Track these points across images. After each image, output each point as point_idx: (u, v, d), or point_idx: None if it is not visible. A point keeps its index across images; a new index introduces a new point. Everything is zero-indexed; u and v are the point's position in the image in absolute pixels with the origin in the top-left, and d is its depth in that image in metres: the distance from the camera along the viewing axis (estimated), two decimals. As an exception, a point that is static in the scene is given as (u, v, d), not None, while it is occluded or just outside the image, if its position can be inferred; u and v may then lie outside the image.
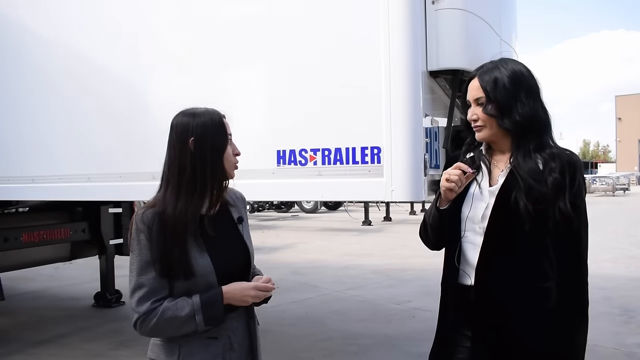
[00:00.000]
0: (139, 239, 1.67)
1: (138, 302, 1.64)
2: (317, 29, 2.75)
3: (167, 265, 1.65)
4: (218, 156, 1.73)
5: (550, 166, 1.76)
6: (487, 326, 1.82)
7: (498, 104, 1.81)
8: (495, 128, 1.83)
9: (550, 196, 1.73)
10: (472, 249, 1.85)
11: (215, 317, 1.65)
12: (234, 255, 1.82)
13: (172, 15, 3.27)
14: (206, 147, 1.71)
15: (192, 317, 1.63)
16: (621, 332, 5.24)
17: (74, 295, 7.18)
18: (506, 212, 1.78)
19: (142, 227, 1.67)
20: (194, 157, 1.70)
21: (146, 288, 1.65)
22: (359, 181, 2.60)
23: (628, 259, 8.94)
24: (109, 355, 4.78)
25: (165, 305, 1.64)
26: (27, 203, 5.78)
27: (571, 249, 1.80)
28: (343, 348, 4.93)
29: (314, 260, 9.85)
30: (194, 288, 1.68)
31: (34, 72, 3.94)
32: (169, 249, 1.64)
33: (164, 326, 1.64)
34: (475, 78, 1.87)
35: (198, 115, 1.75)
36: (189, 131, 1.71)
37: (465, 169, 1.81)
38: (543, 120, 1.83)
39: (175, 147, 1.73)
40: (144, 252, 1.66)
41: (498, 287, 1.80)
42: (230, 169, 1.79)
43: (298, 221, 17.82)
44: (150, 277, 1.65)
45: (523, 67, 1.88)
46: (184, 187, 1.69)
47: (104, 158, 3.58)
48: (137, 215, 1.70)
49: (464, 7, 2.68)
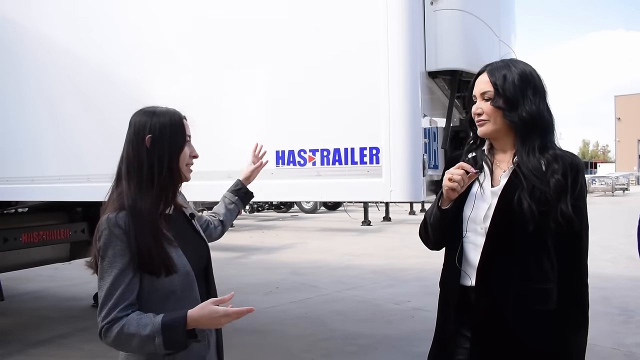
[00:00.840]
0: (114, 245, 1.60)
1: (107, 310, 1.57)
2: (316, 30, 2.75)
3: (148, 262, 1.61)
4: (174, 155, 1.73)
5: (552, 168, 1.77)
6: (487, 327, 1.82)
7: (506, 98, 1.82)
8: (500, 122, 1.84)
9: (552, 198, 1.74)
10: (474, 249, 1.86)
11: (176, 342, 1.55)
12: (200, 251, 1.83)
13: (173, 15, 3.27)
14: (163, 146, 1.71)
15: (152, 338, 1.53)
16: (620, 331, 5.24)
17: (73, 295, 7.19)
18: (509, 213, 1.79)
19: (117, 232, 1.60)
20: (151, 155, 1.70)
21: (117, 295, 1.58)
22: (358, 181, 2.61)
23: (627, 259, 8.93)
24: (109, 356, 4.74)
25: (130, 318, 1.56)
26: (27, 203, 5.78)
27: (572, 251, 1.81)
28: (342, 348, 4.93)
29: (314, 260, 9.84)
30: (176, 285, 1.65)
31: (32, 72, 3.95)
32: (148, 243, 1.61)
33: (125, 340, 1.56)
34: (485, 73, 1.88)
35: (157, 114, 1.75)
36: (146, 129, 1.71)
37: (468, 169, 1.81)
38: (547, 121, 1.84)
39: (132, 144, 1.73)
40: (117, 260, 1.60)
41: (499, 288, 1.80)
42: (185, 170, 1.78)
43: (297, 221, 17.81)
44: (123, 285, 1.59)
45: (532, 68, 1.90)
46: (145, 182, 1.68)
47: (103, 158, 3.56)
48: (109, 221, 1.62)
49: (462, 8, 2.69)
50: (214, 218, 2.24)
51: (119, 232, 1.60)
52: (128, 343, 1.56)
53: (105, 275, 1.60)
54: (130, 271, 1.60)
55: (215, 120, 2.97)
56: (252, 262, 9.65)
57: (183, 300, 1.65)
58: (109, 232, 1.61)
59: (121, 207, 1.65)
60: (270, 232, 14.44)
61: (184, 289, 1.68)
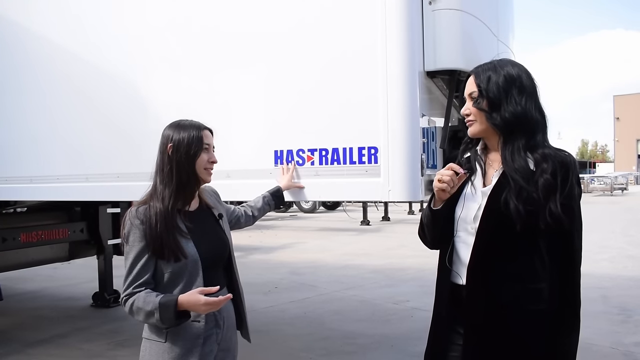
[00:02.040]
0: (134, 233, 2.00)
1: (126, 285, 1.99)
2: (314, 29, 2.75)
3: (159, 248, 1.98)
4: (190, 162, 2.08)
5: (542, 167, 1.76)
6: (478, 325, 1.82)
7: (489, 99, 1.82)
8: (485, 123, 1.85)
9: (540, 197, 1.73)
10: (465, 248, 1.86)
11: (169, 319, 1.92)
12: (214, 244, 2.16)
13: (171, 17, 3.27)
14: (181, 154, 2.07)
15: (152, 313, 1.92)
16: (619, 331, 5.24)
17: (72, 295, 7.18)
18: (497, 213, 1.78)
19: (136, 223, 2.01)
20: (171, 160, 2.07)
21: (134, 274, 1.99)
22: (356, 181, 2.61)
23: (626, 258, 8.95)
24: (107, 356, 4.78)
25: (140, 294, 1.96)
26: (26, 203, 5.78)
27: (563, 251, 1.79)
28: (341, 347, 4.94)
29: (313, 260, 9.85)
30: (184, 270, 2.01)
31: (30, 72, 3.94)
32: (160, 235, 1.98)
33: (136, 311, 1.96)
34: (472, 75, 1.89)
35: (180, 127, 2.11)
36: (169, 140, 2.09)
37: (457, 170, 1.81)
38: (536, 120, 1.83)
39: (160, 151, 2.11)
40: (136, 245, 2.00)
41: (489, 287, 1.80)
42: (203, 174, 2.13)
43: (296, 221, 17.83)
44: (139, 266, 1.99)
45: (521, 68, 1.89)
46: (166, 183, 2.06)
47: (102, 158, 3.58)
48: (130, 212, 2.05)
49: (461, 8, 2.68)
50: (248, 209, 2.64)
51: (137, 222, 2.00)
52: (138, 314, 1.96)
53: (127, 257, 2.02)
54: (146, 255, 1.99)
55: (214, 119, 2.95)
56: (251, 262, 9.65)
57: (190, 284, 2.02)
58: (130, 222, 2.02)
59: (145, 201, 2.07)
60: (269, 232, 14.44)
61: (192, 274, 2.03)
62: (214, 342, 2.10)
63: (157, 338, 2.03)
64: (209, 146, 2.15)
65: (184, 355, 2.02)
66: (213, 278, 2.10)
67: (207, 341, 2.07)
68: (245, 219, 2.61)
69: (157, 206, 2.02)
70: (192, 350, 2.02)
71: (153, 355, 2.04)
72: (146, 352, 2.07)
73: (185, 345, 2.02)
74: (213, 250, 2.14)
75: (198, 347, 2.03)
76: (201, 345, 2.04)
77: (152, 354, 2.05)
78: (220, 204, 2.36)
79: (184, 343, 2.02)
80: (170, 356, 2.01)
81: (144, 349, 2.08)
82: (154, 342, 2.04)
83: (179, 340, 2.01)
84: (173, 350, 2.01)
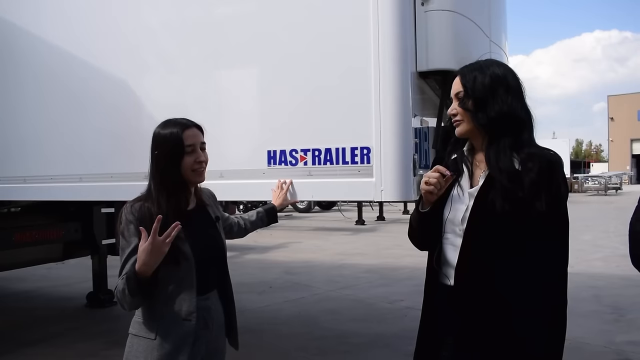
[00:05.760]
0: (128, 228, 2.02)
1: (119, 276, 1.97)
2: (307, 29, 2.76)
3: None
4: (173, 165, 2.05)
5: (527, 166, 1.76)
6: (466, 326, 1.83)
7: (475, 99, 1.83)
8: (471, 123, 1.86)
9: (526, 196, 1.73)
10: (453, 250, 1.87)
11: (133, 288, 1.89)
12: (210, 245, 2.16)
13: (165, 16, 3.28)
14: (161, 157, 2.07)
15: (124, 289, 1.90)
16: (611, 330, 5.26)
17: (66, 295, 7.17)
18: (484, 214, 1.79)
19: (130, 218, 2.02)
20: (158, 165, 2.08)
21: (125, 268, 1.97)
22: (349, 181, 2.62)
23: (619, 257, 8.98)
24: (102, 355, 4.78)
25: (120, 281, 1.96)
26: (19, 203, 5.76)
27: (550, 250, 1.78)
28: (336, 347, 4.95)
29: (307, 259, 9.86)
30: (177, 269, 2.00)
31: (23, 72, 3.94)
32: None
33: (121, 297, 1.94)
34: (458, 75, 1.90)
35: (165, 127, 2.09)
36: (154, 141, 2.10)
37: (444, 172, 1.81)
38: (522, 120, 1.84)
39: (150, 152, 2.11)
40: (129, 239, 2.01)
41: (476, 288, 1.80)
42: (190, 175, 2.09)
43: (291, 221, 17.82)
44: (130, 260, 1.96)
45: (506, 68, 1.90)
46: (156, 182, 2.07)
47: (96, 158, 3.58)
48: (125, 208, 2.06)
49: (453, 9, 2.70)
50: (242, 221, 2.66)
51: (132, 217, 2.02)
52: (124, 298, 1.94)
53: (122, 251, 2.02)
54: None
55: (207, 119, 2.96)
56: (245, 262, 9.65)
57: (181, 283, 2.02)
58: (125, 217, 2.03)
59: (140, 198, 2.08)
60: (264, 232, 14.41)
61: (184, 273, 2.03)
62: (202, 343, 2.09)
63: (147, 335, 2.02)
64: (194, 146, 2.08)
65: (173, 353, 2.00)
66: (205, 279, 2.09)
67: (197, 342, 2.06)
68: (237, 230, 2.61)
69: (153, 210, 2.00)
70: (181, 348, 2.01)
71: (141, 352, 2.02)
72: (132, 349, 2.05)
73: (175, 343, 2.00)
74: (207, 251, 2.13)
75: (188, 346, 2.02)
76: (191, 345, 2.03)
77: (139, 350, 2.02)
78: (218, 208, 2.35)
79: (174, 341, 2.00)
80: (159, 353, 1.99)
81: (130, 345, 2.06)
82: (142, 338, 2.03)
83: (169, 338, 2.00)
84: (163, 348, 1.99)
